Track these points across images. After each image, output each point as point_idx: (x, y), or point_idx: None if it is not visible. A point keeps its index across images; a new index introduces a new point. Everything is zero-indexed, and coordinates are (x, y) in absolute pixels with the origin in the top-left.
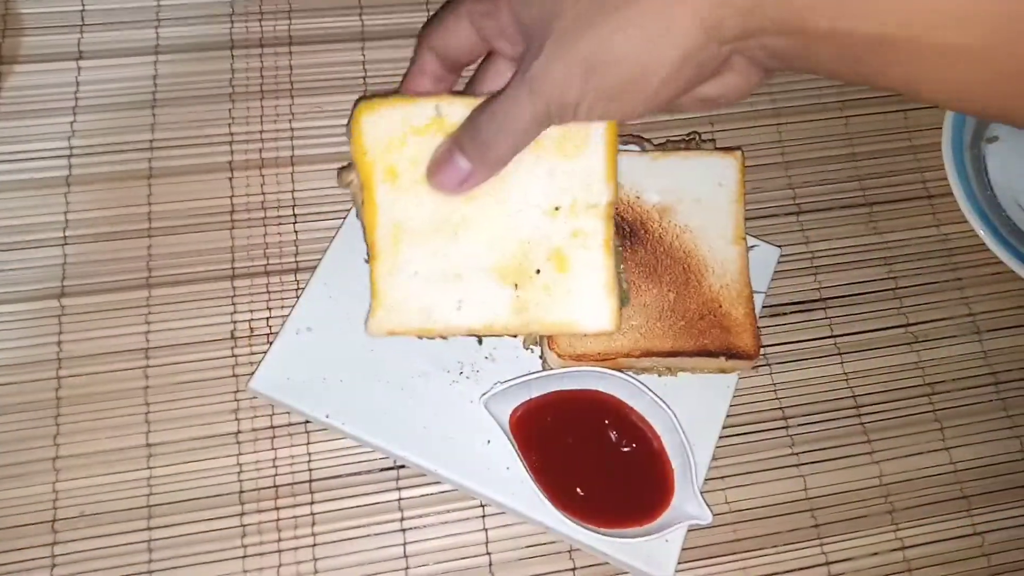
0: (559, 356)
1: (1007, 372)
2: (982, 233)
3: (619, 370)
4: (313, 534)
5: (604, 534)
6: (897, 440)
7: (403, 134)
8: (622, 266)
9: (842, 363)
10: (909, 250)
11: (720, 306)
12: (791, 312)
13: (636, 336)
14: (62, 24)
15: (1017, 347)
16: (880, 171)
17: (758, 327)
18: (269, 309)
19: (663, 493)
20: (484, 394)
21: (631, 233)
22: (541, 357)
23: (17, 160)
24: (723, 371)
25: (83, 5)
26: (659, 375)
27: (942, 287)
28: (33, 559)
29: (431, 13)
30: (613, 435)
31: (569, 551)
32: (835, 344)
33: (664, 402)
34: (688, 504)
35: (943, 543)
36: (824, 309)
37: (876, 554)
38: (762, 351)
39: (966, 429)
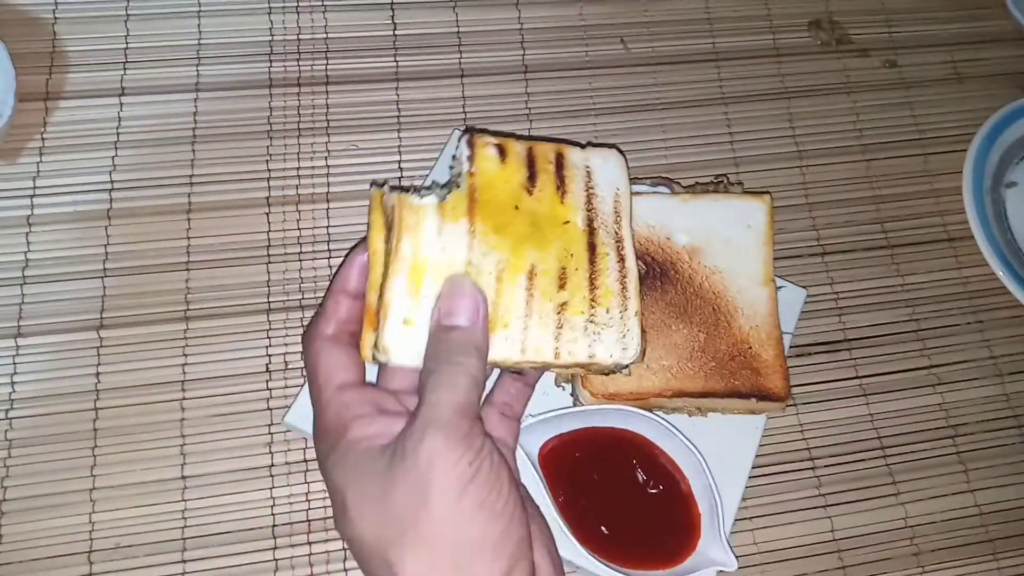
0: (592, 395)
1: None
2: (1002, 276)
3: (649, 410)
4: (345, 569)
5: (629, 575)
6: (922, 482)
7: None
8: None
9: (867, 404)
10: (931, 292)
11: (750, 347)
12: (817, 352)
13: (667, 376)
14: (106, 61)
15: None
16: (901, 214)
17: (787, 369)
18: None
19: (689, 537)
20: None
21: (661, 274)
22: (572, 395)
23: (60, 193)
24: (753, 412)
25: (127, 43)
26: (689, 415)
27: (964, 329)
28: None
29: (463, 55)
30: (641, 476)
31: None
32: (860, 385)
33: (693, 445)
34: (713, 550)
35: None
36: (849, 350)
37: None
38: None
39: (990, 471)
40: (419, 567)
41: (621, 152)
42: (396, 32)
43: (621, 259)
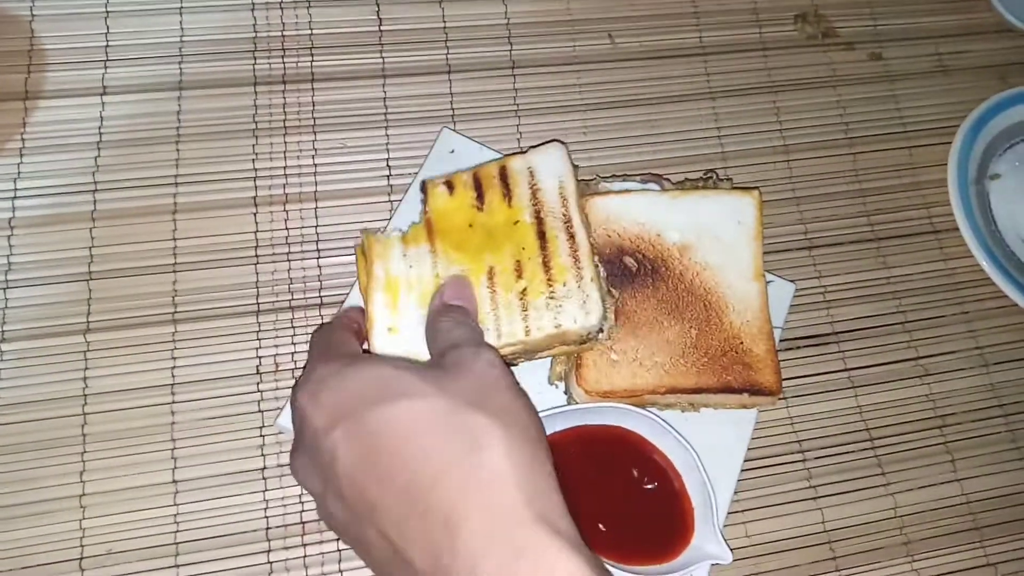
0: (586, 392)
1: (1015, 404)
2: (987, 267)
3: (643, 407)
4: (340, 571)
5: (627, 570)
6: (910, 472)
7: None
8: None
9: (856, 396)
10: (917, 284)
11: (742, 343)
12: (805, 346)
13: (660, 373)
14: (86, 59)
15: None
16: (887, 207)
17: (779, 363)
18: (294, 344)
19: (683, 532)
20: None
21: (652, 271)
22: (567, 393)
23: (42, 195)
24: (745, 407)
25: (107, 41)
26: (682, 411)
27: (950, 321)
28: None
29: (449, 51)
30: (635, 472)
31: None
32: (849, 378)
33: (687, 441)
34: (708, 544)
35: (958, 574)
36: (837, 343)
37: None
38: None
39: (977, 460)
40: (507, 434)
41: (562, 143)
42: (382, 28)
43: (571, 236)
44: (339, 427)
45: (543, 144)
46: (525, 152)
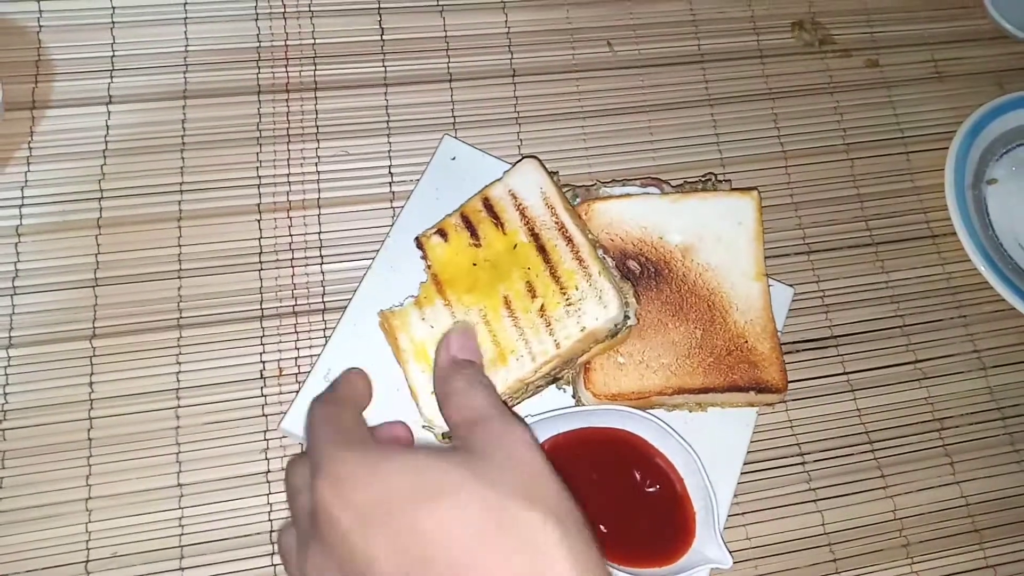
0: (595, 396)
1: (1013, 407)
2: (984, 271)
3: (651, 408)
4: None
5: (628, 572)
6: (910, 475)
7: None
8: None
9: (855, 399)
10: (915, 288)
11: (746, 342)
12: (804, 350)
13: (667, 374)
14: (92, 69)
15: (1021, 383)
16: (885, 211)
17: (784, 361)
18: (297, 349)
19: (684, 536)
20: None
21: (656, 273)
22: (575, 397)
23: (49, 203)
24: (752, 405)
25: (113, 51)
26: (690, 411)
27: (948, 324)
28: None
29: (451, 60)
30: (638, 475)
31: None
32: (848, 381)
33: (688, 444)
34: (709, 548)
35: None
36: (836, 347)
37: None
38: None
39: (975, 463)
40: (566, 535)
41: (534, 157)
42: (384, 37)
43: (569, 240)
44: (377, 529)
45: (515, 164)
46: (501, 178)
